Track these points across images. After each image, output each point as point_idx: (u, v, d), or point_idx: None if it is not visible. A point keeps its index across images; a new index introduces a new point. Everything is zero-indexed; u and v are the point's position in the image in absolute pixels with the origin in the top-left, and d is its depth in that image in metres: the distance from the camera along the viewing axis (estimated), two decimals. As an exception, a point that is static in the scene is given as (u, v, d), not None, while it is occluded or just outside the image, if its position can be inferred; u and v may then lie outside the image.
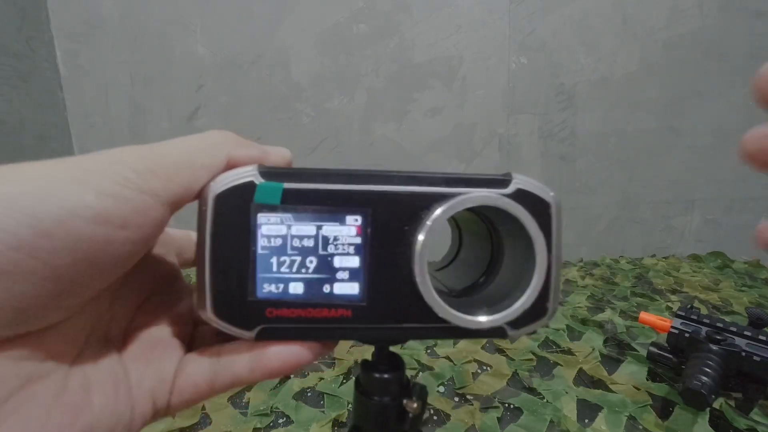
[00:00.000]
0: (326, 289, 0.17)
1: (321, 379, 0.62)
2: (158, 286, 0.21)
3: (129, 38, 1.05)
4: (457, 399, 0.58)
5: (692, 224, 1.21)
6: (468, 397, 0.58)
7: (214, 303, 0.17)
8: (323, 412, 0.55)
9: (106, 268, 0.15)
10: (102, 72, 1.06)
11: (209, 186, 0.16)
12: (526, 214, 0.18)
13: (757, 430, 0.50)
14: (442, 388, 0.60)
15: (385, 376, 0.22)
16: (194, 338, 0.20)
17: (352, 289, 0.17)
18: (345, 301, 0.17)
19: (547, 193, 0.18)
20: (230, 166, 0.17)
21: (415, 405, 0.22)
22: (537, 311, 0.18)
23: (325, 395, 0.58)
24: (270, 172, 0.17)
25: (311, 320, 0.17)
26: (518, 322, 0.18)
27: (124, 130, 1.09)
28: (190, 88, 1.08)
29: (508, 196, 0.18)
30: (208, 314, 0.17)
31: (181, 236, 0.22)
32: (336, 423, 0.53)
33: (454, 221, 0.27)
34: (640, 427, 0.52)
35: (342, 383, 0.60)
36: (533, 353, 0.68)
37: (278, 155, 0.19)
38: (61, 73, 1.05)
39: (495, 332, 0.18)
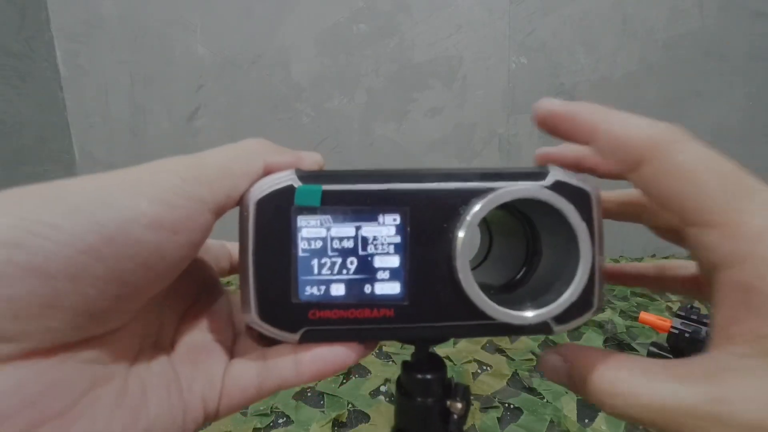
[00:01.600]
0: (367, 289, 0.17)
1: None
2: (200, 294, 0.21)
3: (129, 38, 1.05)
4: (457, 399, 0.58)
5: (692, 224, 1.21)
6: (468, 397, 0.58)
7: (258, 306, 0.17)
8: (323, 412, 0.55)
9: (161, 272, 0.15)
10: (102, 72, 1.06)
11: (250, 192, 0.17)
12: (568, 205, 0.17)
13: (757, 430, 0.50)
14: (442, 388, 0.60)
15: (428, 376, 0.21)
16: (235, 345, 0.21)
17: (394, 288, 0.17)
18: (387, 300, 0.17)
19: (585, 183, 0.18)
20: (267, 172, 0.18)
21: (459, 405, 0.21)
22: (583, 305, 0.18)
23: (325, 395, 0.58)
24: (308, 176, 0.17)
25: (354, 321, 0.17)
26: (564, 317, 0.18)
27: (124, 130, 1.09)
28: (190, 88, 1.08)
29: (548, 188, 0.18)
30: (253, 317, 0.17)
31: (216, 246, 0.23)
32: (336, 423, 0.53)
33: (483, 219, 0.28)
34: (640, 427, 0.52)
35: (342, 383, 0.60)
36: (533, 353, 0.68)
37: (311, 160, 0.19)
38: (61, 73, 1.05)
39: (540, 328, 0.18)
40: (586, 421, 0.53)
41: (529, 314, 0.18)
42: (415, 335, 0.20)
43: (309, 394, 0.59)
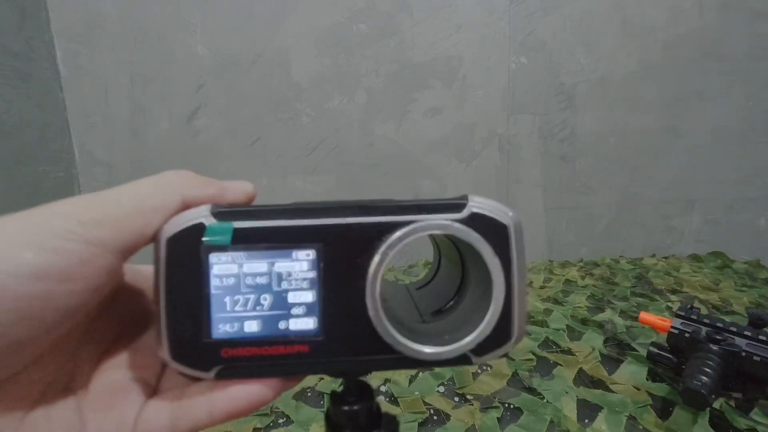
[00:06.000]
0: (282, 325, 0.17)
1: (321, 379, 0.62)
2: (127, 328, 0.20)
3: (129, 38, 1.05)
4: (457, 399, 0.58)
5: (692, 224, 1.21)
6: (468, 397, 0.58)
7: (170, 346, 0.17)
8: (323, 412, 0.55)
9: (50, 322, 0.14)
10: (102, 72, 1.06)
11: (162, 229, 0.17)
12: (480, 239, 0.17)
13: (757, 430, 0.50)
14: (442, 388, 0.60)
15: (354, 408, 0.21)
16: (163, 379, 0.20)
17: (308, 324, 0.17)
18: (301, 336, 0.17)
19: (504, 215, 0.18)
20: (186, 206, 0.17)
21: None
22: (500, 337, 0.18)
23: (325, 395, 0.58)
24: (222, 212, 0.17)
25: (268, 358, 0.17)
26: (481, 349, 0.18)
27: (124, 130, 1.09)
28: (190, 88, 1.08)
29: (461, 221, 0.18)
30: (166, 357, 0.17)
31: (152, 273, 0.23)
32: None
33: (434, 240, 0.27)
34: (640, 427, 0.52)
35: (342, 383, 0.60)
36: (533, 353, 0.68)
37: (238, 191, 0.19)
38: (61, 73, 1.05)
39: (459, 360, 0.18)
40: (586, 421, 0.53)
41: (439, 350, 0.18)
42: (331, 370, 0.19)
43: (309, 394, 0.59)
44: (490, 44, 1.10)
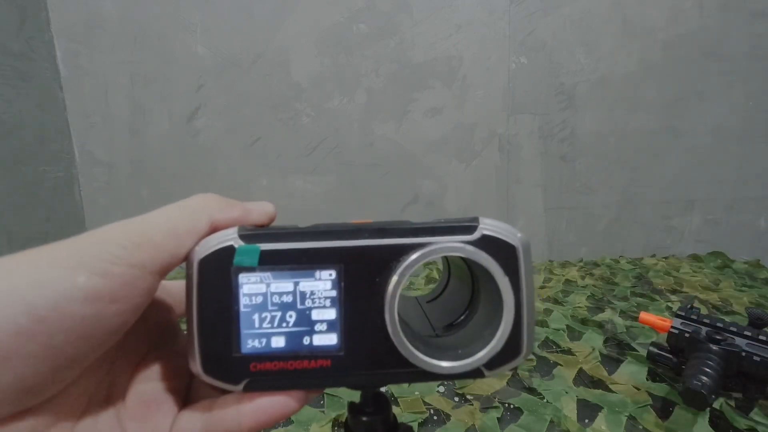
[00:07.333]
0: (306, 341, 0.18)
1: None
2: (157, 341, 0.21)
3: (129, 38, 1.05)
4: (457, 399, 0.58)
5: (692, 224, 1.21)
6: (468, 397, 0.58)
7: (202, 360, 0.18)
8: (323, 412, 0.55)
9: (99, 340, 0.16)
10: (102, 72, 1.06)
11: (194, 251, 0.18)
12: (490, 260, 0.19)
13: (757, 430, 0.50)
14: (442, 388, 0.60)
15: (372, 418, 0.23)
16: (192, 389, 0.21)
17: (330, 340, 0.18)
18: (324, 351, 0.18)
19: (513, 236, 0.19)
20: (213, 228, 0.18)
21: None
22: (511, 352, 0.19)
23: (325, 395, 0.58)
24: (248, 235, 0.18)
25: (293, 371, 0.18)
26: (493, 363, 0.19)
27: (124, 130, 1.09)
28: (190, 88, 1.08)
29: (473, 243, 0.19)
30: (197, 370, 0.18)
31: (178, 287, 0.23)
32: (336, 423, 0.53)
33: (444, 258, 0.28)
34: (640, 427, 0.52)
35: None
36: (533, 353, 0.68)
37: (260, 212, 0.20)
38: (61, 73, 1.05)
39: (472, 373, 0.19)
40: (586, 421, 0.53)
41: (453, 364, 0.19)
42: (351, 383, 0.21)
43: (309, 394, 0.59)
44: (490, 44, 1.10)
